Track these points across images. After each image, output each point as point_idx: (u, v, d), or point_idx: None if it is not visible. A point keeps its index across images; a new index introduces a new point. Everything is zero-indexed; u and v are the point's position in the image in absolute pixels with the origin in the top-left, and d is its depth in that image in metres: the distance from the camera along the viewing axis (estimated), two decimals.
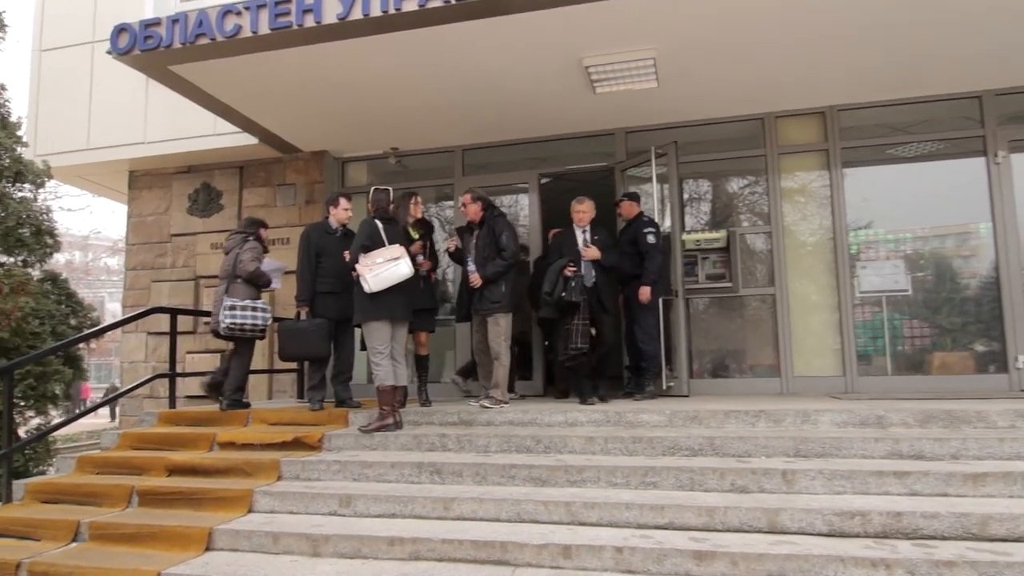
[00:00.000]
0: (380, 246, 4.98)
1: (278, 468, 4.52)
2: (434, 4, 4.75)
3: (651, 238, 5.79)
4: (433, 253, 5.92)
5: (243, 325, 5.53)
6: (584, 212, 5.82)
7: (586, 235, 5.81)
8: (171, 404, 6.16)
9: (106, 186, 8.84)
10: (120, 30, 5.36)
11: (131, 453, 5.12)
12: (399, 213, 5.49)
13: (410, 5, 4.78)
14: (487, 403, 5.35)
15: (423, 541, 3.48)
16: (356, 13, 4.90)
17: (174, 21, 5.25)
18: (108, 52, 5.45)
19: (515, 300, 5.67)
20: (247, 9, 5.12)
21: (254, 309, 5.58)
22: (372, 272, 4.83)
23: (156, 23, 5.30)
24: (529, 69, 5.68)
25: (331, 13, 4.95)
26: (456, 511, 3.82)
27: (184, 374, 7.13)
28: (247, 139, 7.18)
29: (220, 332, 5.63)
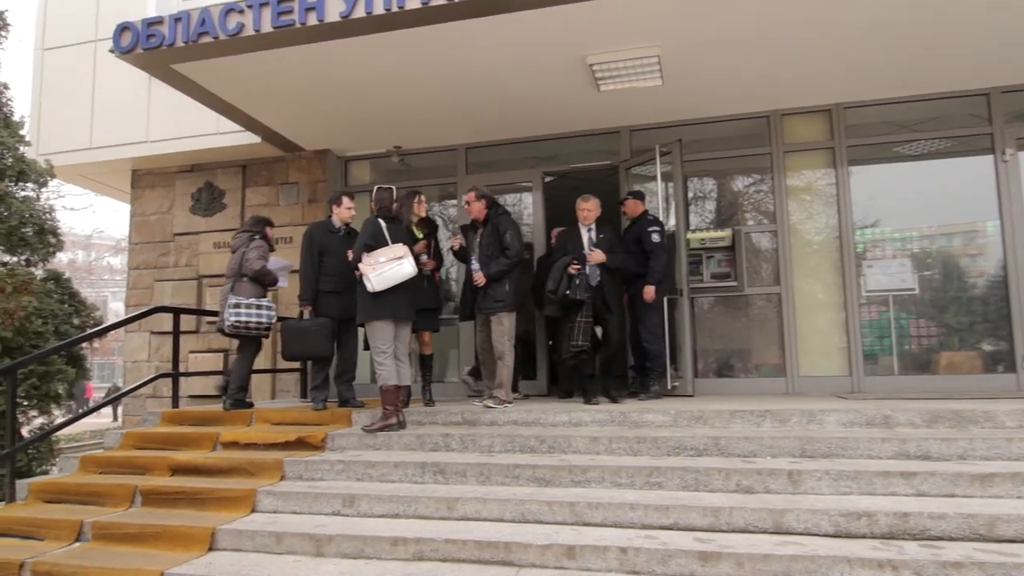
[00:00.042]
0: (383, 245, 4.96)
1: (281, 468, 4.51)
2: (437, 2, 4.72)
3: (655, 237, 5.77)
4: (438, 252, 5.90)
5: (248, 323, 5.52)
6: (589, 210, 5.78)
7: (591, 233, 5.78)
8: (174, 403, 6.17)
9: (109, 185, 8.84)
10: (123, 29, 5.36)
11: (134, 453, 5.12)
12: (403, 212, 5.47)
13: (413, 3, 4.76)
14: (491, 403, 5.33)
15: (427, 541, 3.46)
16: (359, 11, 4.88)
17: (177, 20, 5.25)
18: (111, 51, 5.45)
19: (519, 299, 5.65)
20: (250, 7, 5.10)
21: (259, 307, 5.58)
22: (375, 271, 4.82)
23: (159, 22, 5.29)
24: (532, 67, 5.66)
25: (334, 11, 4.93)
26: (460, 511, 3.80)
27: (187, 373, 7.16)
28: (250, 138, 7.17)
29: (225, 330, 5.63)
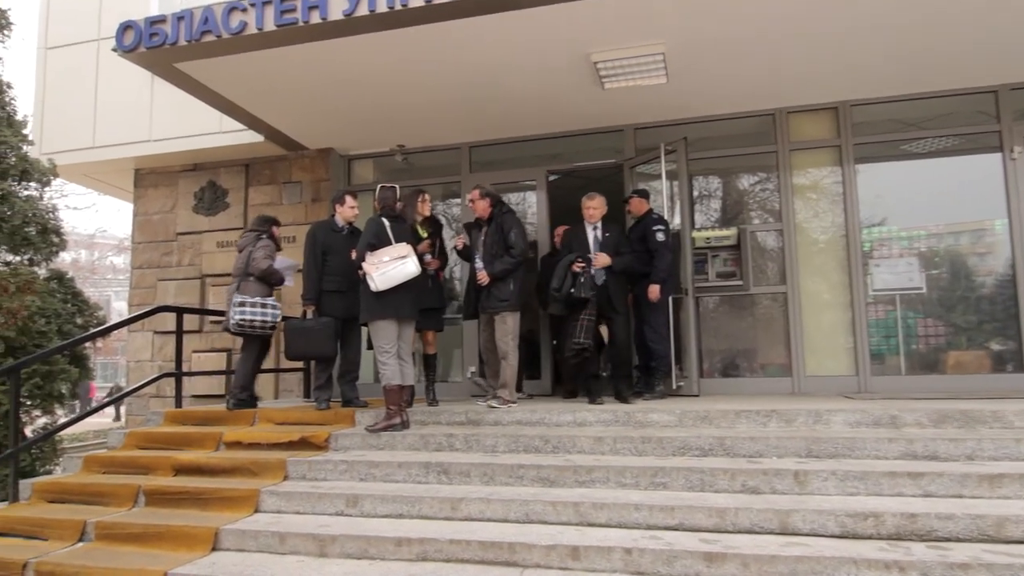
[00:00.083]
0: (387, 244, 4.94)
1: (284, 468, 4.50)
2: None
3: (661, 236, 5.74)
4: (442, 251, 5.87)
5: (252, 322, 5.52)
6: (595, 208, 5.74)
7: (597, 232, 5.74)
8: (177, 403, 6.18)
9: (112, 184, 8.84)
10: (125, 27, 5.36)
11: (137, 452, 5.12)
12: (407, 211, 5.45)
13: (416, 1, 4.74)
14: (494, 403, 5.31)
15: (430, 542, 3.46)
16: (362, 9, 4.86)
17: (179, 18, 5.24)
18: (113, 49, 5.44)
19: (523, 298, 5.62)
20: (253, 6, 5.09)
21: (264, 306, 5.57)
22: (379, 271, 4.80)
23: (162, 20, 5.28)
24: (536, 65, 5.64)
25: (337, 9, 4.91)
26: (464, 511, 3.79)
27: (190, 373, 7.15)
28: (253, 137, 7.16)
29: (230, 329, 5.64)
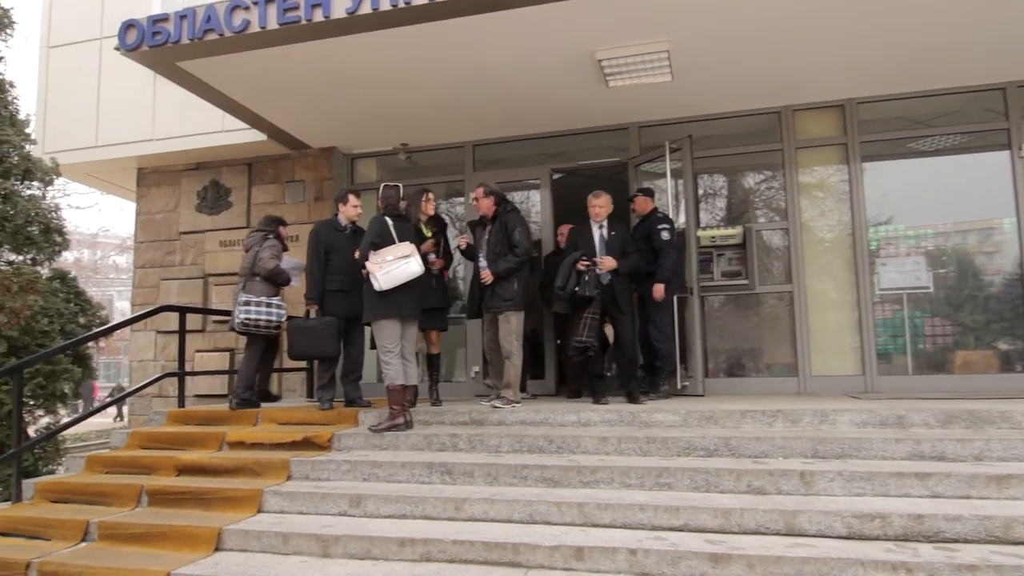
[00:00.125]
0: (390, 243, 4.93)
1: (288, 468, 4.49)
2: None
3: (665, 235, 5.71)
4: (447, 251, 5.86)
5: (257, 321, 5.56)
6: (601, 207, 5.70)
7: (603, 231, 5.69)
8: (180, 403, 6.17)
9: (114, 184, 8.85)
10: (128, 26, 5.35)
11: (140, 452, 5.12)
12: (411, 211, 5.43)
13: None
14: (498, 403, 5.28)
15: (434, 542, 3.45)
16: (365, 7, 4.85)
17: (182, 17, 5.23)
18: (116, 48, 5.44)
19: (528, 298, 5.58)
20: (255, 4, 5.08)
21: (268, 305, 5.60)
22: (382, 270, 4.79)
23: (164, 19, 5.27)
24: (541, 63, 5.61)
25: (340, 8, 4.90)
26: (467, 512, 3.78)
27: (193, 373, 7.15)
28: (255, 136, 7.15)
29: (235, 328, 5.67)
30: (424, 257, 5.12)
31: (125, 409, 16.27)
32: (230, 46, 5.27)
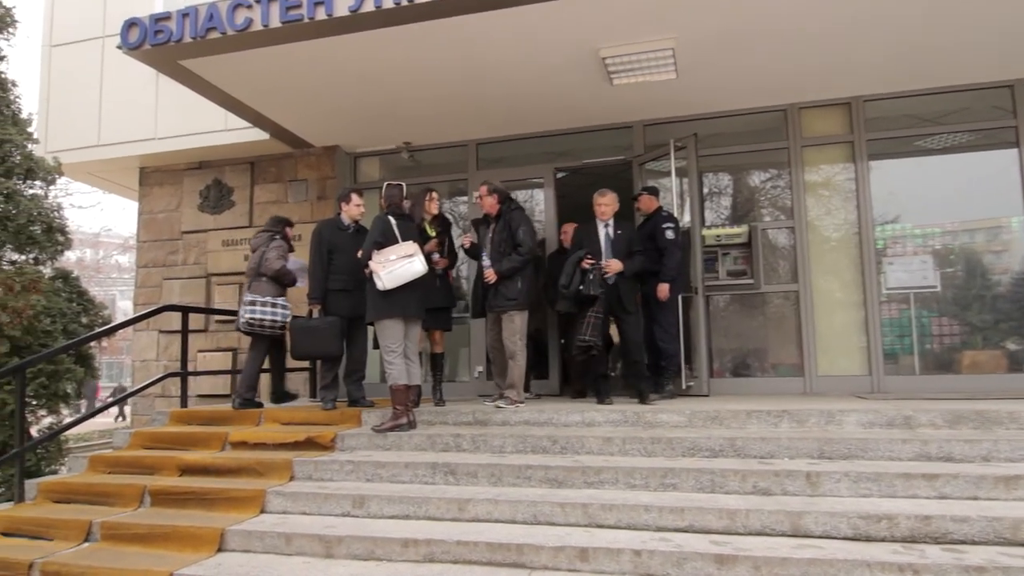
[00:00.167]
0: (393, 243, 4.91)
1: (291, 468, 4.48)
2: None
3: (670, 233, 5.68)
4: (451, 250, 5.83)
5: (262, 321, 5.59)
6: (607, 205, 5.66)
7: (608, 230, 5.66)
8: (183, 403, 6.17)
9: (117, 183, 8.84)
10: (130, 25, 5.34)
11: (143, 452, 5.12)
12: (416, 210, 5.41)
13: None
14: (502, 403, 5.26)
15: (437, 543, 3.44)
16: (368, 5, 4.83)
17: (184, 15, 5.22)
18: (118, 47, 5.43)
19: (532, 297, 5.55)
20: (258, 2, 5.07)
21: (274, 306, 5.63)
22: (386, 269, 4.77)
23: (166, 17, 5.26)
24: (544, 61, 5.59)
25: (343, 6, 4.88)
26: (471, 512, 3.77)
27: (196, 373, 7.14)
28: (258, 134, 7.13)
29: (240, 327, 5.69)
30: (428, 257, 5.10)
31: (127, 409, 16.30)
32: (232, 44, 5.25)
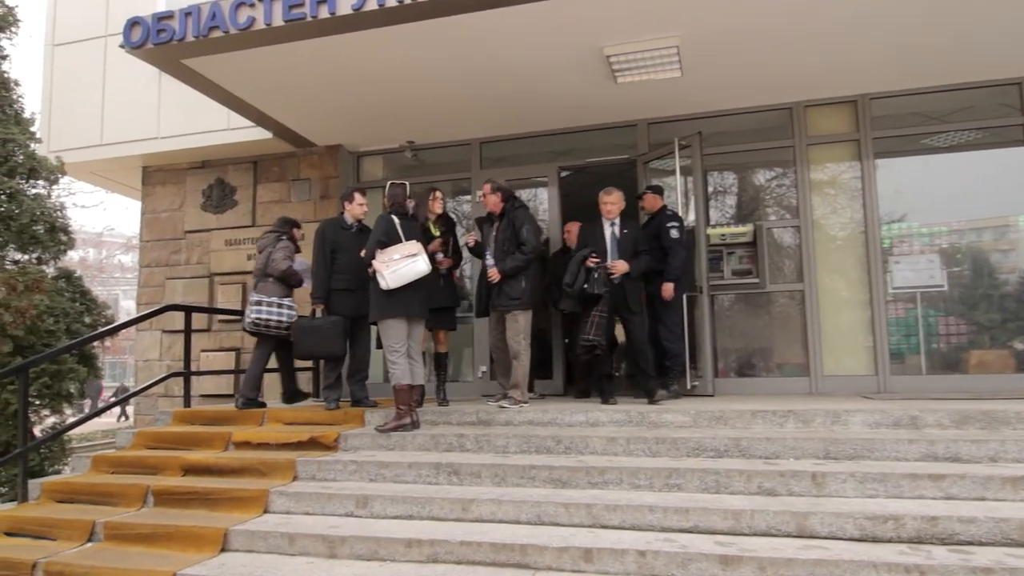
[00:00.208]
0: (397, 242, 4.89)
1: (294, 468, 4.48)
2: None
3: (674, 233, 5.65)
4: (456, 250, 5.80)
5: (268, 321, 5.60)
6: (613, 204, 5.62)
7: (614, 228, 5.63)
8: (186, 403, 6.17)
9: (119, 182, 8.84)
10: (133, 23, 5.34)
11: (146, 452, 5.12)
12: (420, 210, 5.39)
13: None
14: (505, 403, 5.24)
15: (441, 543, 3.44)
16: (371, 4, 4.82)
17: (187, 14, 5.21)
18: (121, 46, 5.43)
19: (536, 296, 5.52)
20: (260, 1, 5.05)
21: (280, 306, 5.64)
22: (389, 268, 4.76)
23: (169, 16, 5.26)
24: (548, 59, 5.56)
25: (345, 4, 4.87)
26: (475, 513, 3.76)
27: (199, 372, 7.14)
28: (261, 133, 7.12)
29: (246, 327, 5.71)
30: (432, 256, 5.08)
31: (129, 409, 16.32)
32: (235, 43, 5.24)
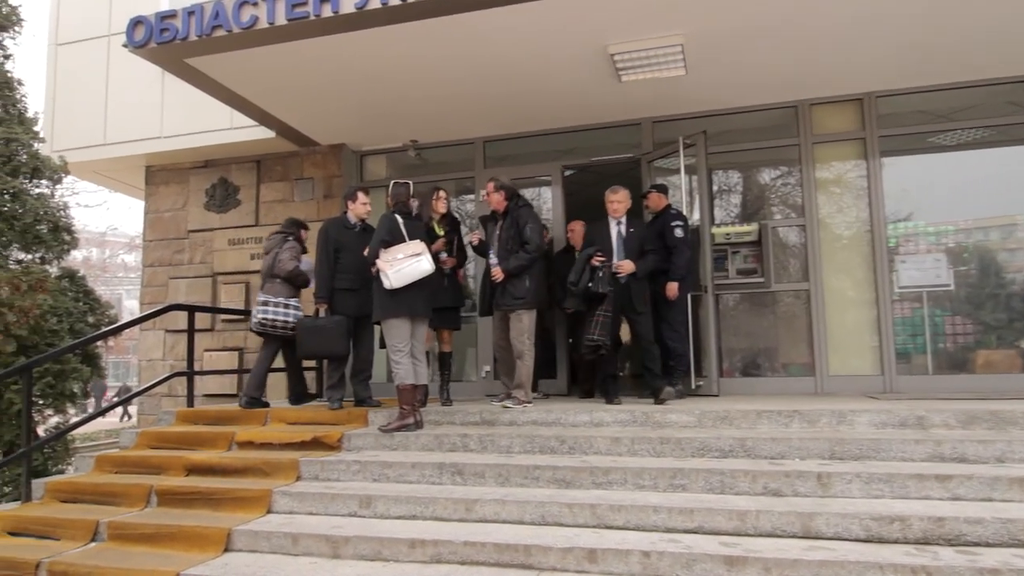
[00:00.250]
0: (400, 241, 4.88)
1: (297, 468, 4.47)
2: None
3: (679, 232, 5.63)
4: (461, 249, 5.79)
5: (274, 321, 5.62)
6: (619, 203, 5.60)
7: (621, 227, 5.60)
8: (189, 403, 6.18)
9: (123, 182, 8.85)
10: (136, 23, 5.34)
11: (149, 452, 5.12)
12: (424, 210, 5.38)
13: None
14: (509, 403, 5.22)
15: (444, 543, 3.43)
16: (374, 2, 4.81)
17: (190, 13, 5.21)
18: (124, 45, 5.44)
19: (540, 296, 5.49)
20: (264, 0, 5.03)
21: (286, 306, 5.66)
22: (393, 268, 4.74)
23: (172, 15, 5.26)
24: (552, 57, 5.54)
25: (349, 2, 4.86)
26: (478, 513, 3.75)
27: (202, 372, 7.13)
28: (264, 133, 7.11)
29: (253, 328, 5.73)
30: (435, 256, 5.07)
31: (132, 409, 16.35)
32: (238, 42, 5.24)
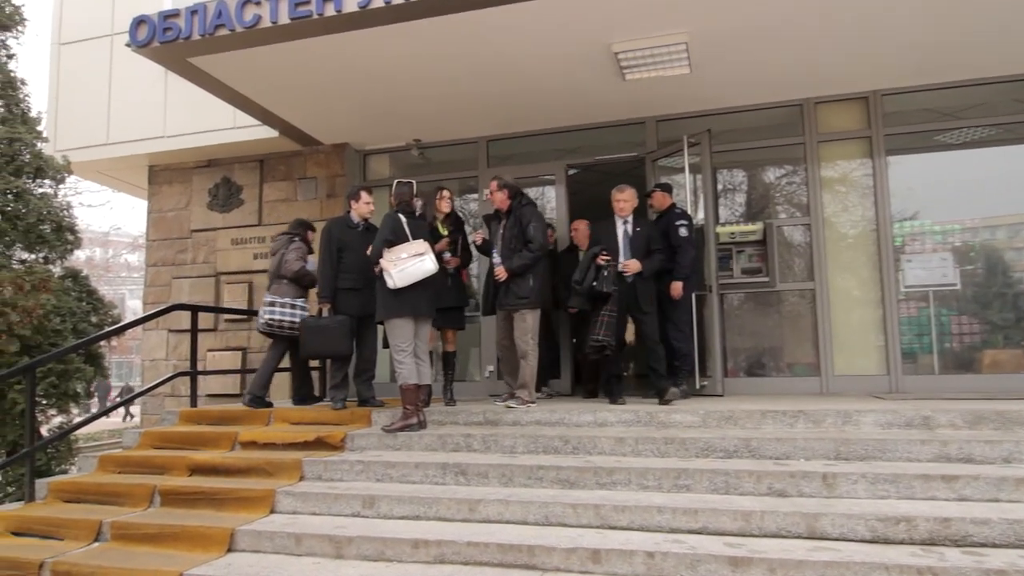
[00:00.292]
0: (403, 241, 4.87)
1: (300, 468, 4.47)
2: None
3: (684, 231, 5.60)
4: (465, 249, 5.77)
5: (281, 322, 5.66)
6: (626, 201, 5.56)
7: (627, 226, 5.57)
8: (192, 403, 6.17)
9: (126, 181, 8.86)
10: (139, 22, 5.34)
11: (152, 452, 5.12)
12: (427, 209, 5.36)
13: None
14: (513, 403, 5.20)
15: (448, 544, 3.42)
16: (377, 1, 4.80)
17: (193, 12, 5.21)
18: (127, 45, 5.43)
19: (544, 295, 5.47)
20: None
21: (293, 307, 5.69)
22: (397, 267, 4.74)
23: (175, 14, 5.26)
24: (555, 56, 5.53)
25: (352, 1, 4.85)
26: (482, 513, 3.74)
27: (205, 372, 7.13)
28: (267, 132, 7.11)
29: (259, 328, 5.77)
30: (439, 256, 5.05)
31: (134, 409, 16.38)
32: (241, 41, 5.24)
